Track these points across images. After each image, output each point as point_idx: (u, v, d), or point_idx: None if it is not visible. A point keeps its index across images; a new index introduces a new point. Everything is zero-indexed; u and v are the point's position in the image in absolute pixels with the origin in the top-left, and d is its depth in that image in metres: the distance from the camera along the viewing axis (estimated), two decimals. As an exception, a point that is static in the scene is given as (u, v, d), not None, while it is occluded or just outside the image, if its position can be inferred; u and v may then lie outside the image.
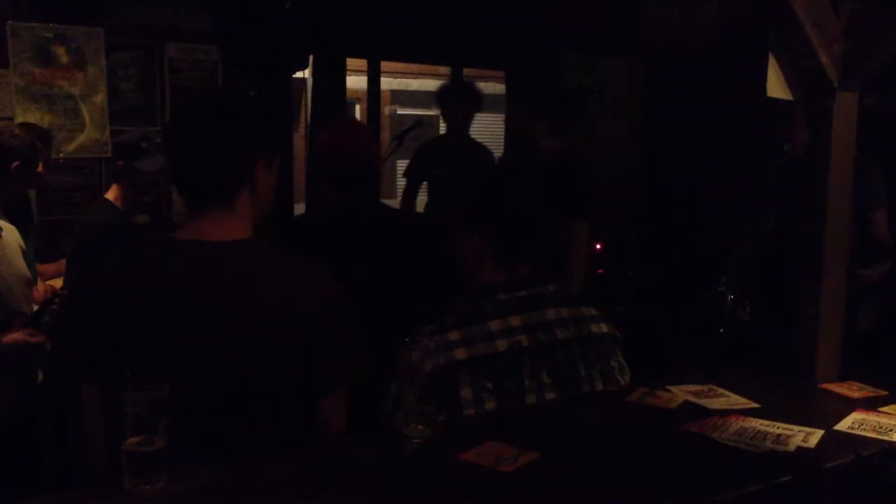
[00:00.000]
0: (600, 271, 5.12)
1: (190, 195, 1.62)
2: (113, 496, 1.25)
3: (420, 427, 1.48)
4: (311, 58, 5.26)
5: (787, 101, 3.46)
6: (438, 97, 4.81)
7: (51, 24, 4.36)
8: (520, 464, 1.38)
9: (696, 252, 5.58)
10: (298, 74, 5.62)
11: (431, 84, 10.84)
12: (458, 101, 4.72)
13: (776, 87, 1.82)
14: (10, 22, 4.24)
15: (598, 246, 5.13)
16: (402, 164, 9.69)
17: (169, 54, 4.71)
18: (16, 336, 2.79)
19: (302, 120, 7.52)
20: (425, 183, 5.00)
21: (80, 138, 4.48)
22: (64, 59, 4.40)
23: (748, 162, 5.91)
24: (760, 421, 1.58)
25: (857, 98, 1.87)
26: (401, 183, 9.18)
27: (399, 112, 7.96)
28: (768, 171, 4.03)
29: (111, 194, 3.54)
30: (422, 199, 5.15)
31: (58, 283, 3.64)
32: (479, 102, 4.76)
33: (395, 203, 7.31)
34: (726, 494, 1.31)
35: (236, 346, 1.53)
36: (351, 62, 5.60)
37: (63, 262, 3.75)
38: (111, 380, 1.52)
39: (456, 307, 1.77)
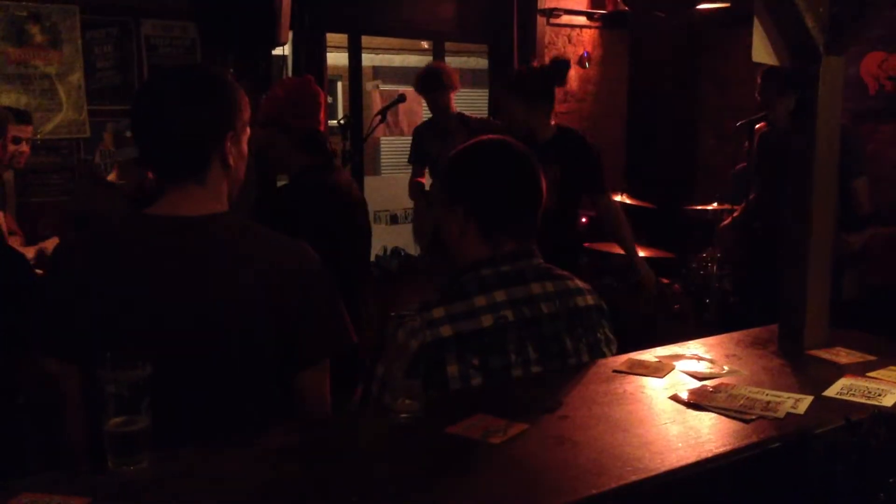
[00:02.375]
0: (586, 244, 5.12)
1: (160, 171, 1.61)
2: (96, 476, 1.23)
3: (407, 401, 1.46)
4: (290, 34, 5.19)
5: (765, 70, 3.47)
6: (416, 85, 4.89)
7: (24, 3, 4.28)
8: (509, 436, 1.36)
9: (682, 223, 5.59)
10: (278, 51, 5.56)
11: (413, 59, 10.76)
12: (429, 85, 4.78)
13: (761, 52, 1.80)
14: (-19, 1, 4.17)
15: (583, 219, 5.12)
16: (384, 141, 9.67)
17: (146, 31, 4.65)
18: None
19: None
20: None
21: (57, 118, 4.42)
22: (39, 37, 4.33)
23: (734, 132, 5.91)
24: (749, 388, 1.58)
25: (843, 63, 1.86)
26: (384, 160, 9.15)
27: (382, 88, 7.90)
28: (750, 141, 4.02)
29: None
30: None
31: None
32: (449, 84, 4.76)
33: (381, 180, 7.29)
34: (717, 462, 1.30)
35: (214, 320, 1.52)
36: (331, 38, 5.54)
37: (46, 243, 3.71)
38: (90, 359, 1.52)
39: (440, 285, 1.76)
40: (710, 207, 4.73)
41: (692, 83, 6.90)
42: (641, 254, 4.14)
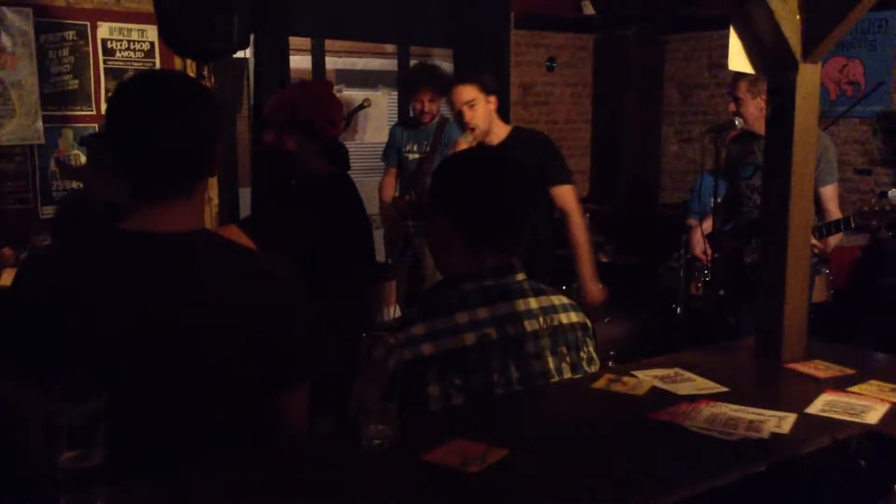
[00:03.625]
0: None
1: (146, 186, 1.50)
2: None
3: (380, 427, 1.40)
4: (252, 37, 5.10)
5: (735, 76, 3.46)
6: (405, 84, 4.80)
7: (-26, 5, 4.14)
8: (487, 463, 1.31)
9: (650, 227, 5.60)
10: (239, 54, 5.45)
11: (377, 63, 10.65)
12: (422, 86, 4.64)
13: (738, 59, 1.77)
14: (-70, 3, 4.02)
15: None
16: (350, 146, 9.56)
17: (102, 35, 4.51)
18: None
19: (244, 102, 7.34)
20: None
21: (10, 125, 4.27)
22: (-10, 41, 4.19)
23: (702, 137, 5.93)
24: (731, 406, 1.53)
25: (819, 70, 1.83)
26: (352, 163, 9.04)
27: (345, 92, 7.81)
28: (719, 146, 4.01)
29: None
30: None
31: None
32: (443, 86, 4.66)
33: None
34: (702, 486, 1.26)
35: (189, 341, 1.44)
36: (294, 41, 5.45)
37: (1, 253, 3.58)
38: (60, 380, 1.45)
39: (420, 299, 1.70)
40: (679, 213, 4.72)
41: (656, 88, 6.92)
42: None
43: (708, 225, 3.86)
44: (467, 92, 3.40)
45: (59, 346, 1.44)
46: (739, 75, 3.52)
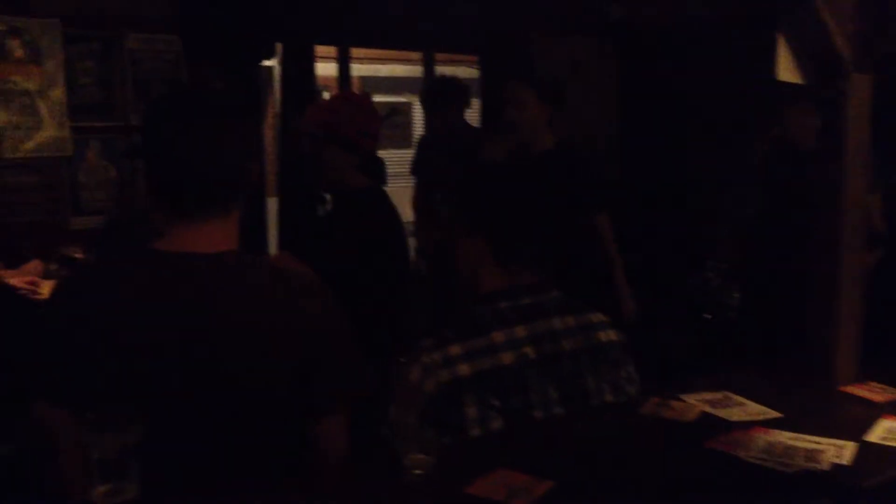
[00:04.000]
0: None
1: (180, 206, 1.46)
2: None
3: (420, 456, 1.35)
4: (278, 46, 5.09)
5: (782, 85, 3.38)
6: (423, 100, 4.73)
7: (3, 17, 4.13)
8: (533, 497, 1.25)
9: (678, 237, 5.50)
10: (266, 63, 5.44)
11: (401, 70, 10.65)
12: (446, 101, 4.59)
13: (786, 70, 1.70)
14: (-41, 15, 4.02)
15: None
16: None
17: (129, 45, 4.50)
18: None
19: (270, 110, 7.34)
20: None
21: (39, 136, 4.26)
22: (18, 52, 4.18)
23: (730, 145, 5.82)
24: (786, 434, 1.47)
25: (871, 80, 1.76)
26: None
27: (373, 100, 7.84)
28: (753, 155, 3.93)
29: None
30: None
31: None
32: (467, 99, 4.63)
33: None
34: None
35: (223, 364, 1.40)
36: (319, 48, 5.42)
37: (28, 266, 3.57)
38: (86, 405, 1.41)
39: (454, 319, 1.64)
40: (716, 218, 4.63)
41: (683, 95, 6.82)
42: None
43: (742, 234, 3.78)
44: (520, 92, 3.34)
45: (90, 370, 1.40)
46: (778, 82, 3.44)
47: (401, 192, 5.72)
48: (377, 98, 8.69)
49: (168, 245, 1.46)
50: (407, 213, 5.37)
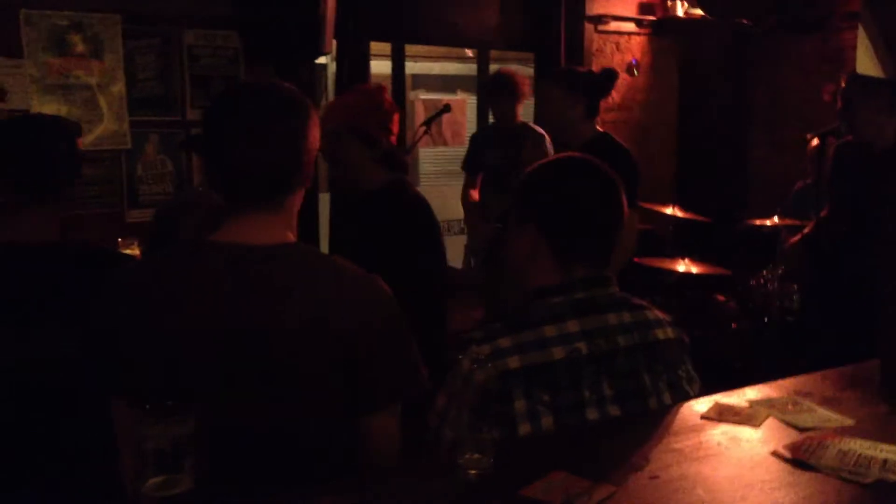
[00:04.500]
0: (636, 259, 4.92)
1: (236, 195, 1.48)
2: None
3: (476, 456, 1.31)
4: (333, 43, 5.09)
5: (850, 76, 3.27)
6: (484, 90, 4.83)
7: (66, 12, 4.21)
8: (594, 501, 1.20)
9: (738, 237, 5.37)
10: (320, 60, 5.45)
11: (452, 67, 10.62)
12: (499, 92, 4.62)
13: (866, 62, 1.62)
14: (23, 10, 4.10)
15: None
16: (423, 152, 9.57)
17: (188, 41, 4.56)
18: None
19: (323, 107, 7.39)
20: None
21: (99, 130, 4.34)
22: (80, 47, 4.26)
23: (794, 145, 5.66)
24: (860, 442, 1.40)
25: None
26: (424, 169, 9.05)
27: (424, 97, 7.80)
28: (819, 156, 3.81)
29: None
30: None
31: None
32: (519, 92, 4.62)
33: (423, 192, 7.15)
34: (837, 536, 1.13)
35: (274, 357, 1.40)
36: (373, 46, 5.42)
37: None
38: (141, 394, 1.41)
39: (506, 313, 1.61)
40: (769, 223, 4.51)
41: (744, 92, 6.67)
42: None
43: (806, 236, 3.67)
44: (544, 88, 3.34)
45: (143, 362, 1.40)
46: (852, 83, 3.33)
47: (454, 189, 5.69)
48: (429, 96, 8.69)
49: (223, 236, 1.46)
50: (458, 210, 5.36)
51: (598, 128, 3.36)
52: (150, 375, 1.40)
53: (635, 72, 6.45)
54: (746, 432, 1.46)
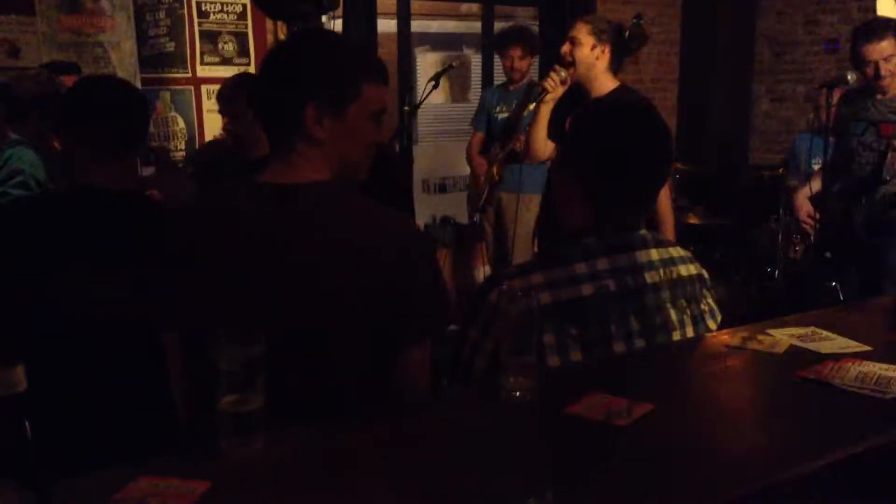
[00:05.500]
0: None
1: (266, 133, 1.57)
2: (212, 459, 1.17)
3: (520, 379, 1.39)
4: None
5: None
6: (495, 43, 4.83)
7: (75, -31, 4.22)
8: (634, 417, 1.29)
9: (740, 189, 5.44)
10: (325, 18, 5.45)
11: (451, 25, 10.56)
12: (510, 46, 4.68)
13: (888, 4, 1.67)
14: (35, -33, 4.11)
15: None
16: (437, 108, 9.57)
17: (197, -3, 4.58)
18: None
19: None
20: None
21: (111, 87, 4.37)
22: (90, 5, 4.27)
23: (794, 94, 5.73)
24: (879, 365, 1.48)
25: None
26: (427, 127, 9.06)
27: (430, 55, 7.80)
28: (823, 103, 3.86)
29: None
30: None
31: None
32: (529, 46, 4.66)
33: (423, 148, 7.20)
34: (861, 445, 1.22)
35: (317, 291, 1.45)
36: (379, 4, 5.43)
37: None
38: (193, 329, 1.51)
39: (541, 251, 1.68)
40: (778, 174, 4.58)
41: (747, 45, 6.70)
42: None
43: (815, 185, 3.73)
44: (576, 29, 3.31)
45: (196, 297, 1.49)
46: (861, 33, 3.38)
47: (456, 146, 5.73)
48: (436, 54, 8.65)
49: (261, 175, 1.55)
50: (460, 167, 5.42)
51: (616, 81, 3.37)
52: (206, 305, 1.48)
53: (641, 24, 6.44)
54: (771, 358, 1.54)
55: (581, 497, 1.08)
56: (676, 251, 1.75)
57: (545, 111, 3.31)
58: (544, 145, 3.37)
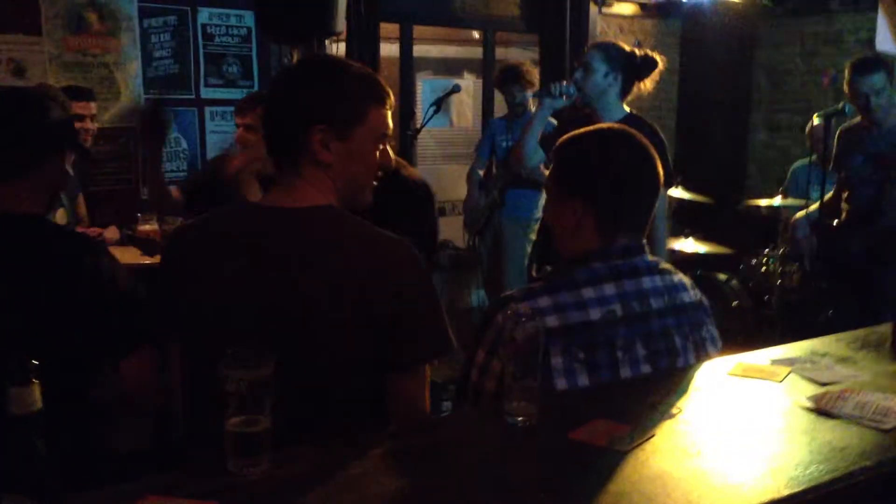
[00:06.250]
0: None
1: (272, 157, 1.60)
2: (218, 478, 1.18)
3: (523, 403, 1.40)
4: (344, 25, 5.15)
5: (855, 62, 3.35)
6: (495, 82, 4.95)
7: (82, -10, 4.27)
8: (636, 444, 1.30)
9: (737, 217, 5.47)
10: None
11: (451, 50, 10.65)
12: (510, 83, 4.76)
13: (886, 39, 1.71)
14: (42, -12, 4.16)
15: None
16: (439, 132, 9.62)
17: (202, 20, 4.62)
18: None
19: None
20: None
21: (115, 107, 4.41)
22: (97, 25, 4.32)
23: (792, 125, 5.78)
24: (877, 394, 1.50)
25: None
26: (422, 151, 9.10)
27: (431, 79, 7.85)
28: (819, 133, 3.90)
29: None
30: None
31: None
32: (527, 81, 4.73)
33: (423, 172, 7.22)
34: (861, 476, 1.23)
35: (301, 315, 1.47)
36: (381, 29, 5.48)
37: (106, 232, 3.70)
38: (189, 346, 1.54)
39: (546, 274, 1.70)
40: (775, 203, 4.61)
41: (744, 75, 6.76)
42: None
43: (813, 213, 3.77)
44: (588, 55, 3.31)
45: (193, 315, 1.52)
46: (859, 67, 3.43)
47: (455, 171, 5.77)
48: (438, 78, 8.71)
49: (263, 199, 1.60)
50: (459, 191, 5.44)
51: (626, 108, 3.40)
52: (203, 325, 1.50)
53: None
54: (770, 386, 1.56)
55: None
56: (679, 278, 1.77)
57: (540, 119, 3.34)
58: (533, 151, 3.38)
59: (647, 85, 3.30)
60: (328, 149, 1.53)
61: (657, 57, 3.33)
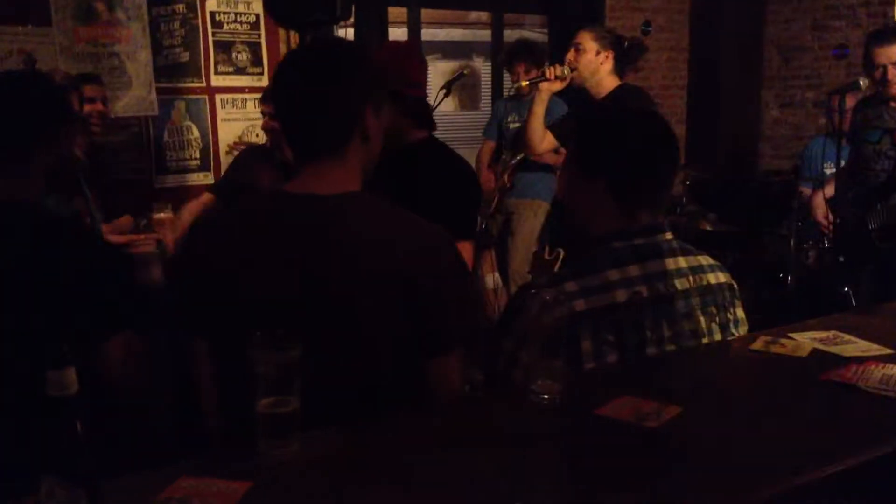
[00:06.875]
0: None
1: (300, 147, 1.56)
2: (250, 459, 1.19)
3: (548, 382, 1.41)
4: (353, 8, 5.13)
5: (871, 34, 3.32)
6: (501, 60, 4.91)
7: (91, -20, 4.26)
8: (664, 419, 1.31)
9: (750, 195, 5.45)
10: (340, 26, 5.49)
11: (457, 33, 10.60)
12: (517, 60, 4.70)
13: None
14: (51, -22, 4.15)
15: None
16: (448, 116, 9.58)
17: (210, 8, 4.61)
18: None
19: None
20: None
21: (126, 97, 4.41)
22: (106, 15, 4.31)
23: (803, 101, 5.74)
24: (902, 367, 1.50)
25: None
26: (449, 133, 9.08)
27: (440, 63, 7.83)
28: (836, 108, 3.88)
29: None
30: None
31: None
32: (535, 58, 4.68)
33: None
34: (889, 446, 1.24)
35: (342, 301, 1.47)
36: (390, 13, 5.47)
37: (120, 221, 3.70)
38: (221, 335, 1.52)
39: (568, 257, 1.70)
40: (791, 177, 4.59)
41: (755, 51, 6.71)
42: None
43: (829, 190, 3.75)
44: (580, 36, 3.37)
45: (221, 306, 1.50)
46: (874, 39, 3.40)
47: (468, 153, 5.75)
48: (447, 62, 8.69)
49: (293, 187, 1.55)
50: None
51: (619, 80, 3.42)
52: (233, 317, 1.49)
53: (648, 31, 6.48)
54: (795, 362, 1.56)
55: (608, 496, 1.10)
56: (706, 259, 1.77)
57: (541, 103, 3.42)
58: (541, 137, 3.49)
59: None
60: (372, 126, 1.56)
61: (644, 44, 3.40)
